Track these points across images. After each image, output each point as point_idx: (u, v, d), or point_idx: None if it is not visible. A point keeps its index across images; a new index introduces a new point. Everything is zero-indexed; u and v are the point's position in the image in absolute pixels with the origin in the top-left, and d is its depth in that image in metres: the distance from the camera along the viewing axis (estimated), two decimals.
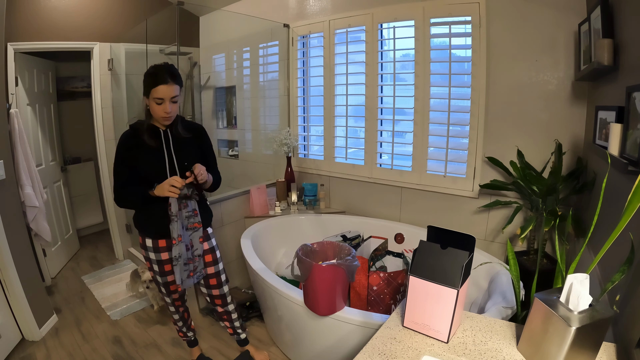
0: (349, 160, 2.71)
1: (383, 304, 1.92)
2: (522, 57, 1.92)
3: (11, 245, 1.95)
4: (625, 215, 0.70)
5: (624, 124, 1.06)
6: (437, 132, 2.26)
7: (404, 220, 2.51)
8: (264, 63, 3.05)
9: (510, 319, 1.37)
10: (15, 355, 2.00)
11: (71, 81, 3.63)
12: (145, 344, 2.13)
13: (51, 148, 3.15)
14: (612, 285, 0.83)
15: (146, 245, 1.64)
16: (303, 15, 2.77)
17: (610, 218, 1.09)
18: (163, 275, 1.68)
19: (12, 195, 2.09)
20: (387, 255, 2.20)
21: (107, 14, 2.98)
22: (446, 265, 0.87)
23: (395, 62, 2.33)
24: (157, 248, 1.62)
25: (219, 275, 1.74)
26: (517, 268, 1.30)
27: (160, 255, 1.63)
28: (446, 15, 2.09)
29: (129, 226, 3.35)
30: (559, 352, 0.73)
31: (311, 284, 1.53)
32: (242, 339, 1.92)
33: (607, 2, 1.32)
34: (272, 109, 3.07)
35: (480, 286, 1.82)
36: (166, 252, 1.63)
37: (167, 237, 1.58)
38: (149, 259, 1.65)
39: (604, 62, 1.26)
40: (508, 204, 2.00)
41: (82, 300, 2.62)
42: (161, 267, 1.65)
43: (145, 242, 1.63)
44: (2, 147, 2.00)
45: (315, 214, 2.68)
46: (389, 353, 0.85)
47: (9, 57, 2.49)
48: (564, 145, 1.81)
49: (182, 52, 3.34)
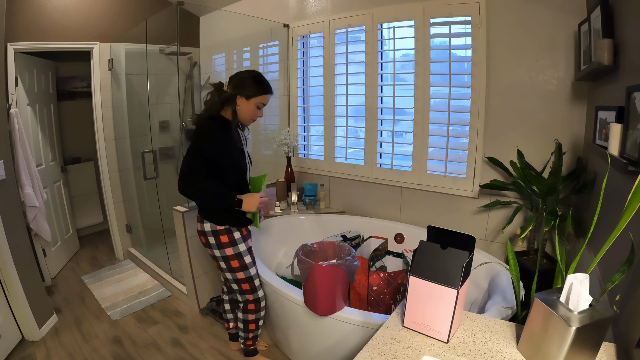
0: (349, 160, 2.71)
1: (383, 304, 1.92)
2: (522, 57, 1.92)
3: (11, 245, 1.95)
4: (625, 215, 0.70)
5: (624, 124, 1.06)
6: (437, 132, 2.26)
7: (404, 220, 2.51)
8: (264, 63, 3.05)
9: (510, 319, 1.37)
10: (15, 355, 2.00)
11: (71, 81, 3.62)
12: (145, 344, 2.13)
13: (51, 148, 3.14)
14: (612, 285, 0.83)
15: (235, 239, 1.68)
16: (303, 16, 2.77)
17: (610, 218, 1.09)
18: (255, 263, 1.78)
19: (12, 195, 2.09)
20: (387, 255, 2.20)
21: (107, 14, 2.98)
22: (446, 265, 0.87)
23: (395, 62, 2.33)
24: (245, 237, 1.73)
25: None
26: (517, 268, 1.30)
27: (249, 243, 1.76)
28: (446, 15, 2.09)
29: (129, 226, 3.35)
30: (559, 352, 0.73)
31: (311, 284, 1.53)
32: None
33: (607, 2, 1.32)
34: (272, 109, 3.06)
35: (480, 286, 1.82)
36: (249, 240, 1.77)
37: (245, 225, 1.73)
38: (240, 253, 1.70)
39: (604, 62, 1.26)
40: (508, 204, 2.00)
41: (82, 300, 2.62)
42: (252, 254, 1.76)
43: (234, 235, 1.68)
44: (2, 147, 2.00)
45: (315, 214, 2.68)
46: (389, 353, 0.85)
47: (9, 57, 2.49)
48: (564, 145, 1.81)
49: (182, 52, 3.35)
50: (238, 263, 1.70)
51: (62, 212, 3.21)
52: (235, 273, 1.73)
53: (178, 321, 2.35)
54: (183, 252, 2.31)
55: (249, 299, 1.80)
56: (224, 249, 1.68)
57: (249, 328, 1.86)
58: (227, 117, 1.63)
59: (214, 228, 1.66)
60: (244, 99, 1.59)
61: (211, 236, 1.67)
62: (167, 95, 3.42)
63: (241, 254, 1.70)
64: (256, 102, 1.61)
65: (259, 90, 1.60)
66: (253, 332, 1.88)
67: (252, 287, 1.78)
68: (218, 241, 1.67)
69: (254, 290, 1.79)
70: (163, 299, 2.61)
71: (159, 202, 3.00)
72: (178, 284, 2.62)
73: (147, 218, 3.28)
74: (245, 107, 1.60)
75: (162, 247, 3.09)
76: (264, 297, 1.84)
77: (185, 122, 3.50)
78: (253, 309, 1.82)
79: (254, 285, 1.78)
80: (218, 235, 1.66)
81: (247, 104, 1.59)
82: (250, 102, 1.59)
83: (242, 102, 1.59)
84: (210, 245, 1.70)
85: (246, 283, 1.76)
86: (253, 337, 1.90)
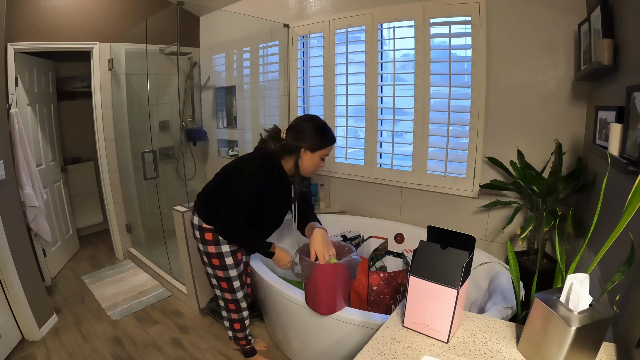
0: (349, 160, 2.71)
1: (383, 304, 1.92)
2: (522, 57, 1.92)
3: (11, 245, 1.95)
4: (625, 215, 0.70)
5: (624, 124, 1.06)
6: (437, 132, 2.26)
7: (404, 220, 2.51)
8: (264, 63, 3.05)
9: (510, 319, 1.37)
10: (15, 355, 2.00)
11: (71, 81, 3.62)
12: (145, 344, 2.13)
13: (51, 148, 3.14)
14: (612, 285, 0.83)
15: (219, 239, 1.67)
16: (303, 16, 2.77)
17: (610, 218, 1.09)
18: (238, 265, 1.75)
19: (12, 195, 2.09)
20: (387, 255, 2.20)
21: (107, 14, 2.97)
22: (446, 265, 0.87)
23: (395, 62, 2.33)
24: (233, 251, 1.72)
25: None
26: (517, 268, 1.30)
27: (233, 245, 1.71)
28: (446, 15, 2.09)
29: (129, 226, 3.35)
30: (559, 352, 0.73)
31: (313, 282, 1.53)
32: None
33: (607, 2, 1.32)
34: (272, 109, 3.06)
35: (480, 286, 1.82)
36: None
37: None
38: (222, 253, 1.69)
39: (604, 62, 1.26)
40: (508, 204, 2.00)
41: (82, 300, 2.62)
42: (236, 257, 1.73)
43: (218, 236, 1.65)
44: (2, 147, 2.00)
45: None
46: (389, 353, 0.85)
47: (9, 57, 2.49)
48: (564, 145, 1.81)
49: (182, 52, 3.35)
50: (219, 262, 1.70)
51: (62, 212, 3.21)
52: (215, 270, 1.73)
53: (178, 321, 2.35)
54: (183, 252, 2.31)
55: (227, 298, 1.79)
56: (206, 246, 1.69)
57: (234, 327, 1.86)
58: (286, 168, 1.58)
59: (200, 224, 1.67)
60: (308, 151, 1.51)
61: (197, 230, 1.69)
62: (167, 95, 3.42)
63: (223, 255, 1.69)
64: (321, 155, 1.53)
65: (326, 142, 1.53)
66: (240, 332, 1.88)
67: (230, 287, 1.76)
68: (203, 237, 1.68)
69: (232, 290, 1.77)
70: (163, 299, 2.61)
71: (159, 202, 3.00)
72: (178, 284, 2.62)
73: (147, 218, 3.28)
74: (309, 160, 1.52)
75: (162, 247, 3.08)
76: (243, 299, 1.81)
77: (185, 122, 3.50)
78: (233, 309, 1.81)
79: (232, 286, 1.76)
80: (203, 231, 1.67)
81: (312, 157, 1.52)
82: (315, 155, 1.52)
83: (306, 155, 1.51)
84: (196, 237, 1.72)
85: (224, 282, 1.76)
86: (243, 337, 1.89)
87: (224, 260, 1.70)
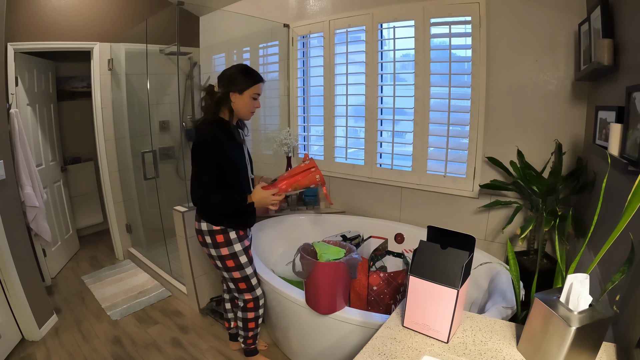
0: (349, 160, 2.71)
1: (383, 304, 1.92)
2: (522, 57, 1.91)
3: (11, 245, 1.95)
4: (625, 215, 0.70)
5: (624, 124, 1.06)
6: (437, 132, 2.26)
7: (404, 220, 2.51)
8: (264, 63, 3.05)
9: (510, 319, 1.37)
10: (15, 355, 2.00)
11: (71, 81, 3.62)
12: (145, 344, 2.13)
13: (51, 148, 3.14)
14: (612, 285, 0.83)
15: (231, 239, 1.69)
16: (303, 15, 2.77)
17: (610, 218, 1.09)
18: (252, 262, 1.78)
19: (12, 195, 2.09)
20: (387, 255, 2.20)
21: (107, 14, 2.98)
22: (446, 265, 0.87)
23: (395, 62, 2.33)
24: (241, 237, 1.72)
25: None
26: (517, 268, 1.30)
27: (246, 243, 1.75)
28: (446, 15, 2.09)
29: (129, 226, 3.35)
30: (559, 352, 0.73)
31: (313, 281, 1.53)
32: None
33: (607, 2, 1.32)
34: (272, 109, 3.06)
35: (480, 286, 1.82)
36: (245, 240, 1.75)
37: (247, 226, 1.76)
38: (235, 253, 1.70)
39: (604, 62, 1.26)
40: (508, 204, 2.00)
41: (82, 300, 2.62)
42: (249, 254, 1.75)
43: (229, 235, 1.68)
44: (2, 147, 2.00)
45: (315, 214, 2.68)
46: (389, 353, 0.85)
47: (9, 57, 2.49)
48: (564, 145, 1.81)
49: (182, 52, 3.35)
50: (233, 263, 1.71)
51: (62, 212, 3.21)
52: (231, 272, 1.74)
53: (178, 321, 2.35)
54: (183, 252, 2.31)
55: (247, 298, 1.80)
56: (219, 249, 1.69)
57: (248, 327, 1.86)
58: (225, 118, 1.63)
59: (210, 228, 1.67)
60: (237, 94, 1.58)
61: (207, 235, 1.68)
62: (167, 95, 3.42)
63: (236, 254, 1.70)
64: (250, 94, 1.60)
65: (250, 81, 1.59)
66: (253, 331, 1.88)
67: (249, 286, 1.78)
68: (214, 241, 1.68)
69: (251, 289, 1.79)
70: (163, 299, 2.61)
71: (159, 202, 3.00)
72: (178, 284, 2.62)
73: (147, 218, 3.28)
74: (240, 102, 1.59)
75: (162, 247, 3.09)
76: (262, 296, 1.84)
77: (185, 122, 3.50)
78: (252, 308, 1.82)
79: (250, 285, 1.78)
80: (214, 235, 1.67)
81: (242, 98, 1.59)
82: (244, 96, 1.59)
83: (236, 98, 1.59)
84: (206, 244, 1.71)
85: (242, 282, 1.76)
86: (253, 335, 1.90)
87: (238, 260, 1.71)
